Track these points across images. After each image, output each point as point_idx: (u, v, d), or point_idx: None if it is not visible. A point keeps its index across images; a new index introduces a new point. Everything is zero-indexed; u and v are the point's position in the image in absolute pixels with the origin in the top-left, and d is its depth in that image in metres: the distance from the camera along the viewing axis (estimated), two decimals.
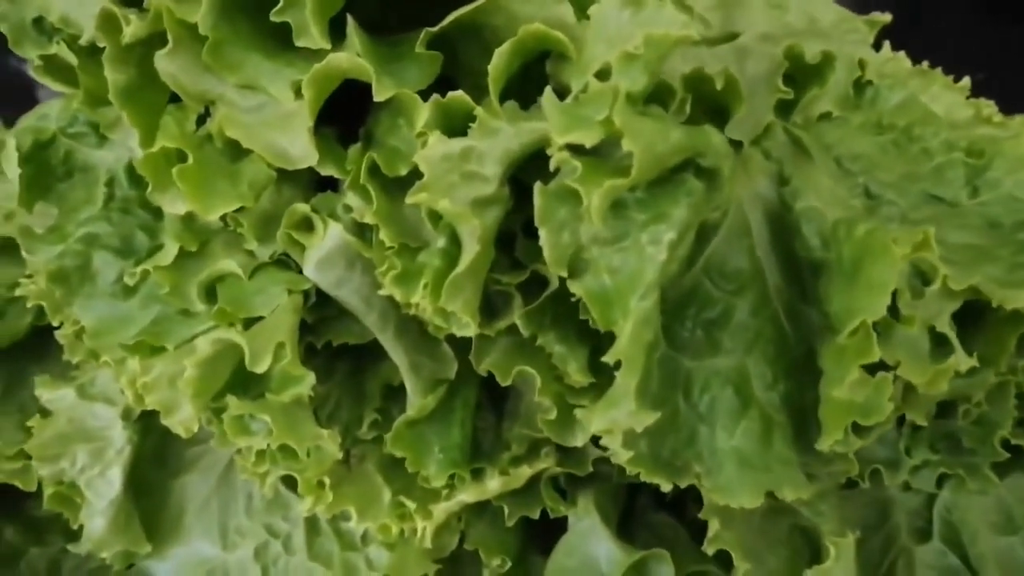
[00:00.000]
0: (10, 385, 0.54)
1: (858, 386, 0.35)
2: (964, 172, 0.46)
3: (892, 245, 0.34)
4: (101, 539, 0.46)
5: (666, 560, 0.44)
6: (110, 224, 0.45)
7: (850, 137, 0.48)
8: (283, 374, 0.39)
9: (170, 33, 0.40)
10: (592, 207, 0.34)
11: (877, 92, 0.50)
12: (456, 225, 0.36)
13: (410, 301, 0.37)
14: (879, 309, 0.34)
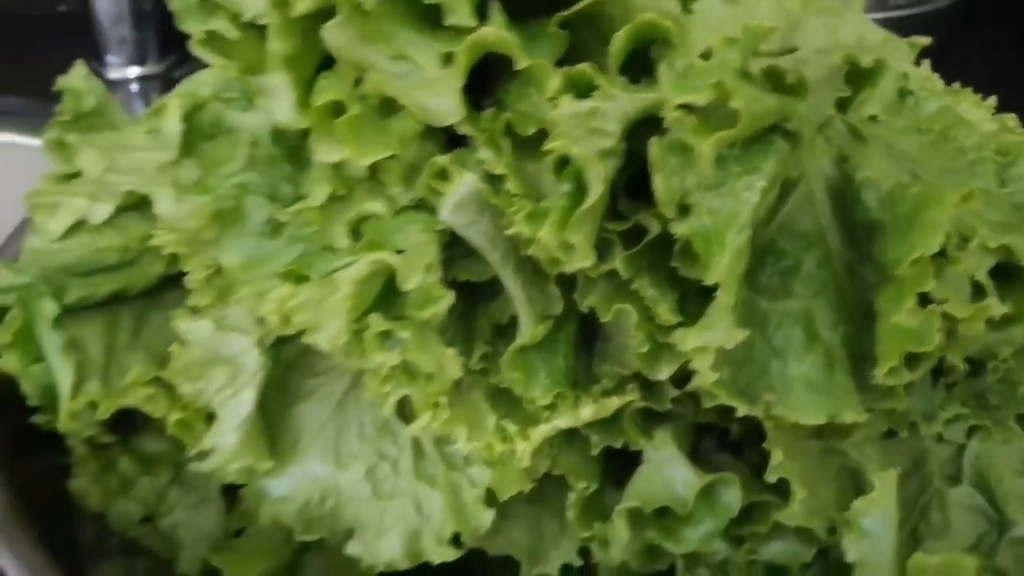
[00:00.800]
0: (138, 327, 0.60)
1: (913, 313, 0.42)
2: (994, 167, 0.54)
3: (945, 193, 0.42)
4: (232, 453, 0.52)
5: (734, 484, 0.50)
6: (258, 175, 0.52)
7: (893, 136, 0.55)
8: (425, 293, 0.46)
9: (341, 8, 0.47)
10: (703, 155, 0.41)
11: (917, 101, 0.58)
12: (584, 169, 0.43)
13: (536, 236, 0.45)
14: (933, 245, 0.41)
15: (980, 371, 0.53)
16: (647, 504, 0.50)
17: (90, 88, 0.69)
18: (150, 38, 1.18)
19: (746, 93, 0.41)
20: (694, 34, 0.46)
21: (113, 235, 0.61)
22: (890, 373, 0.44)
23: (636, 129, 0.46)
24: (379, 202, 0.48)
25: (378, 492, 0.53)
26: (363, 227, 0.49)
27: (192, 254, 0.55)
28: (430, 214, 0.48)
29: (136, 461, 0.61)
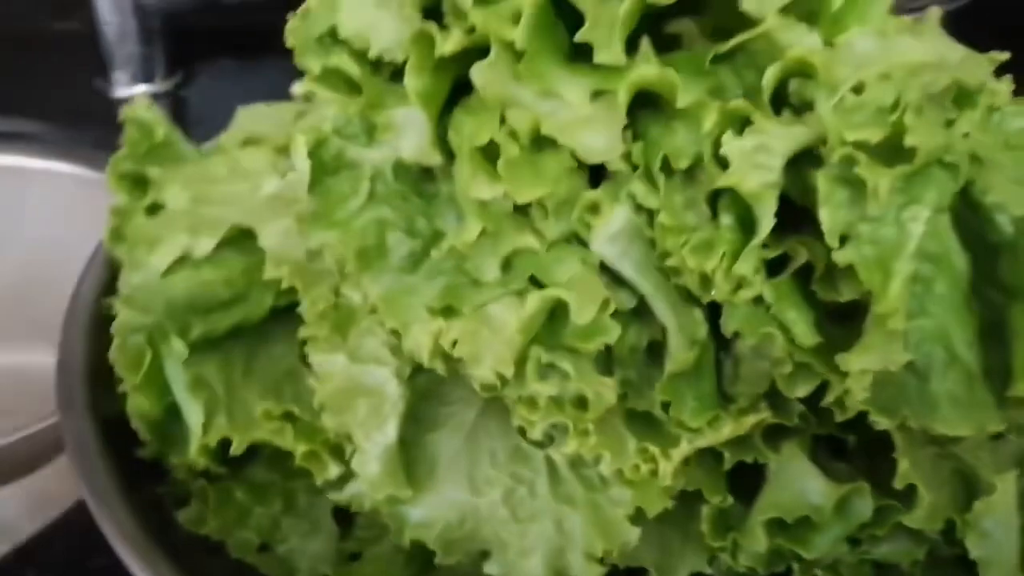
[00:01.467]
0: (249, 361, 0.61)
1: None
2: None
3: None
4: (376, 483, 0.53)
5: (866, 493, 0.53)
6: (392, 210, 0.53)
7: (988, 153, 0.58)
8: (597, 326, 0.48)
9: (493, 47, 0.48)
10: (880, 190, 0.43)
11: (1003, 117, 0.60)
12: (754, 204, 0.46)
13: (704, 268, 0.46)
14: None
15: None
16: (788, 514, 0.52)
17: (157, 119, 0.69)
18: (157, 56, 1.17)
19: (922, 131, 0.43)
20: (838, 69, 0.48)
21: (212, 270, 0.62)
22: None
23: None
24: (531, 236, 0.50)
25: (517, 515, 0.55)
26: (516, 261, 0.50)
27: (309, 286, 0.56)
28: (582, 246, 0.50)
29: (249, 492, 0.62)
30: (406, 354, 0.53)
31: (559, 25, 0.50)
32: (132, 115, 0.71)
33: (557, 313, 0.49)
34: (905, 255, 0.45)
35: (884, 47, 0.47)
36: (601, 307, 0.47)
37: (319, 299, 0.56)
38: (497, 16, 0.48)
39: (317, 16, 0.54)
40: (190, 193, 0.66)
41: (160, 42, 1.17)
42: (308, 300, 0.57)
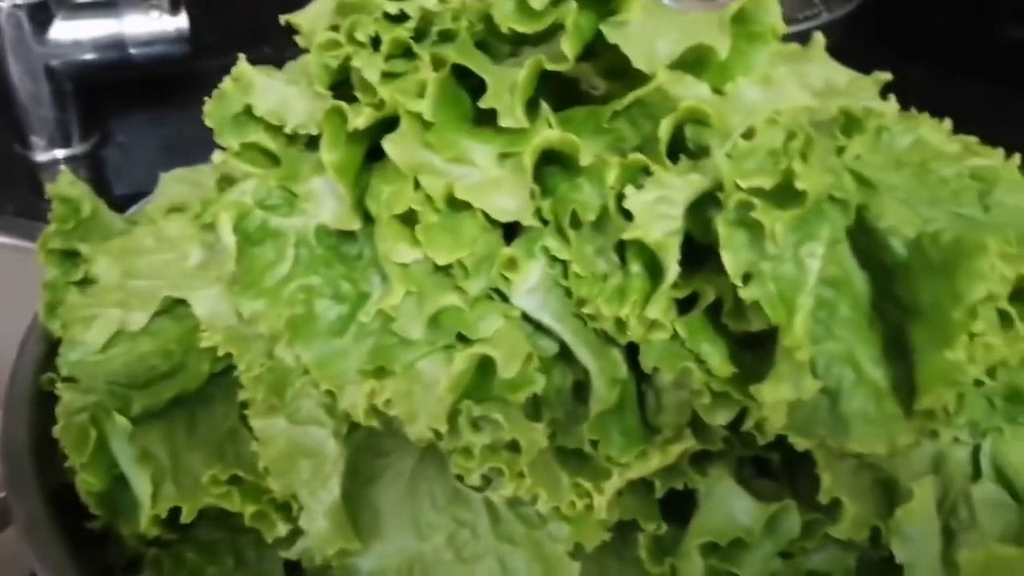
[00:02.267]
0: (190, 427, 0.63)
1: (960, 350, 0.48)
2: (976, 195, 0.60)
3: (986, 243, 0.48)
4: (324, 539, 0.55)
5: (793, 510, 0.56)
6: (319, 276, 0.55)
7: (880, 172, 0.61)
8: (523, 378, 0.50)
9: (402, 120, 0.50)
10: (776, 231, 0.46)
11: (892, 136, 0.63)
12: (659, 253, 0.48)
13: (618, 314, 0.49)
14: (980, 291, 0.47)
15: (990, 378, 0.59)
16: (719, 537, 0.55)
17: (83, 194, 0.71)
18: (72, 117, 1.17)
19: (810, 175, 0.46)
20: (729, 116, 0.50)
21: (148, 341, 0.64)
22: (934, 400, 0.50)
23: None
24: (454, 295, 0.52)
25: (462, 556, 0.57)
26: (441, 319, 0.52)
27: (243, 351, 0.58)
28: (503, 301, 0.52)
29: (200, 552, 0.64)
30: (341, 414, 0.55)
31: (463, 93, 0.52)
32: (57, 191, 0.72)
33: (485, 368, 0.51)
34: (805, 290, 0.48)
35: (769, 94, 0.50)
36: (525, 360, 0.50)
37: (254, 363, 0.58)
38: (403, 90, 0.51)
39: (232, 97, 0.56)
40: (120, 266, 0.67)
41: (74, 103, 1.18)
42: (243, 364, 0.58)
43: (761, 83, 0.50)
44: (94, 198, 0.73)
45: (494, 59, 0.54)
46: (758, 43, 0.53)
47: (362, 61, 0.51)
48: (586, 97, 0.58)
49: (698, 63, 0.52)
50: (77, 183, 0.74)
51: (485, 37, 0.53)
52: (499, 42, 0.53)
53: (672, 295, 0.51)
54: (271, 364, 0.58)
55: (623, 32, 0.50)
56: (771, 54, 0.66)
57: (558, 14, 0.49)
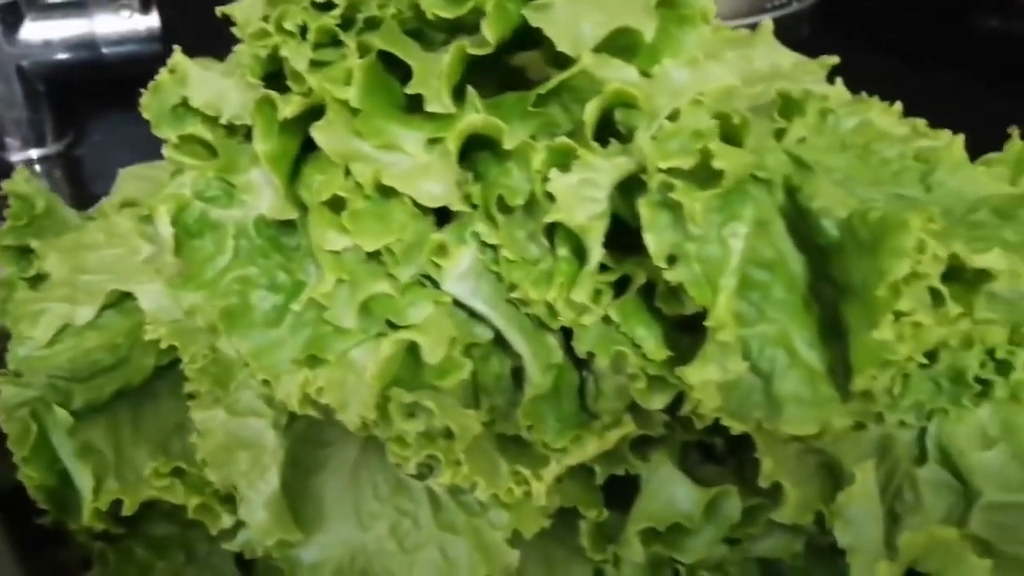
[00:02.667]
0: (136, 419, 0.63)
1: (886, 329, 0.48)
2: (917, 175, 0.59)
3: (908, 220, 0.47)
4: (264, 530, 0.55)
5: (733, 495, 0.55)
6: (256, 267, 0.55)
7: (823, 155, 0.61)
8: (450, 363, 0.50)
9: (328, 109, 0.50)
10: (695, 212, 0.46)
11: (837, 119, 0.63)
12: (583, 235, 0.48)
13: (544, 298, 0.49)
14: (902, 269, 0.47)
15: (933, 360, 0.58)
16: (659, 523, 0.55)
17: (37, 191, 0.71)
18: (45, 118, 1.18)
19: (728, 154, 0.46)
20: (656, 98, 0.50)
21: (96, 335, 0.64)
22: (868, 381, 0.50)
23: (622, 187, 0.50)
24: (385, 282, 0.52)
25: (404, 546, 0.57)
26: (373, 307, 0.52)
27: (187, 345, 0.58)
28: (435, 287, 0.52)
29: (149, 547, 0.64)
30: (280, 404, 0.55)
31: (393, 80, 0.52)
32: (12, 188, 0.73)
33: (413, 354, 0.51)
34: (729, 270, 0.48)
35: (696, 75, 0.50)
36: (450, 345, 0.49)
37: (197, 356, 0.58)
38: (330, 78, 0.50)
39: (168, 88, 0.56)
40: (70, 262, 0.67)
41: (47, 104, 1.18)
42: (187, 357, 0.59)
43: (688, 65, 0.50)
44: (49, 195, 0.73)
45: (428, 47, 0.54)
46: (687, 26, 0.53)
47: (290, 50, 0.51)
48: (533, 86, 0.58)
49: (627, 46, 0.52)
50: (32, 180, 0.74)
51: (417, 25, 0.52)
52: (432, 30, 0.53)
53: (600, 279, 0.50)
54: (215, 356, 0.58)
55: (546, 15, 0.49)
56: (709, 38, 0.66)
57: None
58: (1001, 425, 0.58)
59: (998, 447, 0.56)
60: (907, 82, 1.20)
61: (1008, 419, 0.58)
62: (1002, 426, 0.58)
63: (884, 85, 1.12)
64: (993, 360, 0.59)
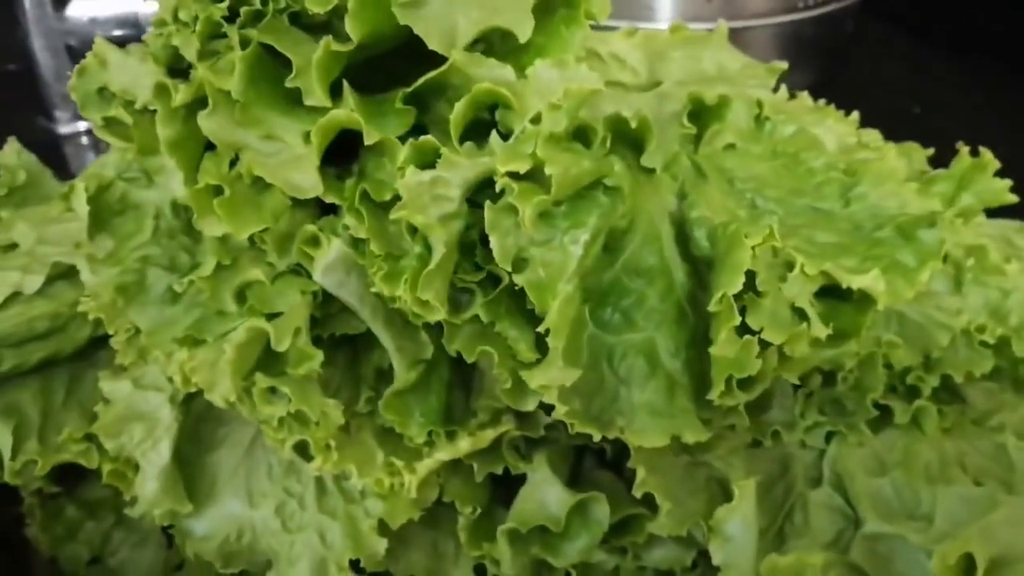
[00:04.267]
0: (72, 387, 0.66)
1: (728, 344, 0.47)
2: (839, 187, 0.58)
3: (743, 236, 0.46)
4: (153, 499, 0.58)
5: (602, 501, 0.55)
6: (159, 247, 0.57)
7: (747, 163, 0.59)
8: (298, 353, 0.51)
9: (210, 98, 0.52)
10: (525, 217, 0.46)
11: (774, 126, 0.62)
12: (427, 235, 0.48)
13: (394, 294, 0.49)
14: (736, 284, 0.46)
15: (833, 380, 0.57)
16: (524, 524, 0.55)
17: (21, 163, 0.74)
18: None
19: (560, 160, 0.46)
20: (528, 99, 0.50)
21: (44, 304, 0.67)
22: (723, 395, 0.49)
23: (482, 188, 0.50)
24: (259, 269, 0.53)
25: (287, 526, 0.58)
26: (248, 292, 0.53)
27: (112, 319, 0.60)
28: (306, 277, 0.53)
29: (81, 508, 0.67)
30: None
31: (282, 72, 0.53)
32: (0, 160, 0.77)
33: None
34: (566, 276, 0.47)
35: (563, 76, 0.50)
36: (294, 335, 0.50)
37: (121, 329, 0.61)
38: (215, 69, 0.52)
39: (93, 72, 0.59)
40: (36, 233, 0.71)
41: None
42: (111, 329, 0.61)
43: (557, 66, 0.50)
44: (36, 168, 0.77)
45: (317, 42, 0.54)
46: (573, 26, 0.52)
47: (181, 40, 0.53)
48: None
49: (514, 45, 0.52)
50: (23, 153, 0.78)
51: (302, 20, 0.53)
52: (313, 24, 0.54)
53: (465, 278, 0.51)
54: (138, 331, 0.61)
55: (416, 13, 0.50)
56: (665, 37, 0.66)
57: None
58: (900, 452, 0.56)
59: (891, 475, 0.55)
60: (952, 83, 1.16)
61: (908, 446, 0.56)
62: (900, 453, 0.56)
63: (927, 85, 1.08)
64: (903, 385, 0.57)
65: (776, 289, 0.48)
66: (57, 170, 0.80)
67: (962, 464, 0.57)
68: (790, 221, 0.55)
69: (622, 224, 0.50)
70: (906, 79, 1.10)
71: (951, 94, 1.16)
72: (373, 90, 0.54)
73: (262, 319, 0.52)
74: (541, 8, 0.52)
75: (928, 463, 0.57)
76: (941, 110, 1.12)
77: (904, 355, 0.57)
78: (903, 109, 1.09)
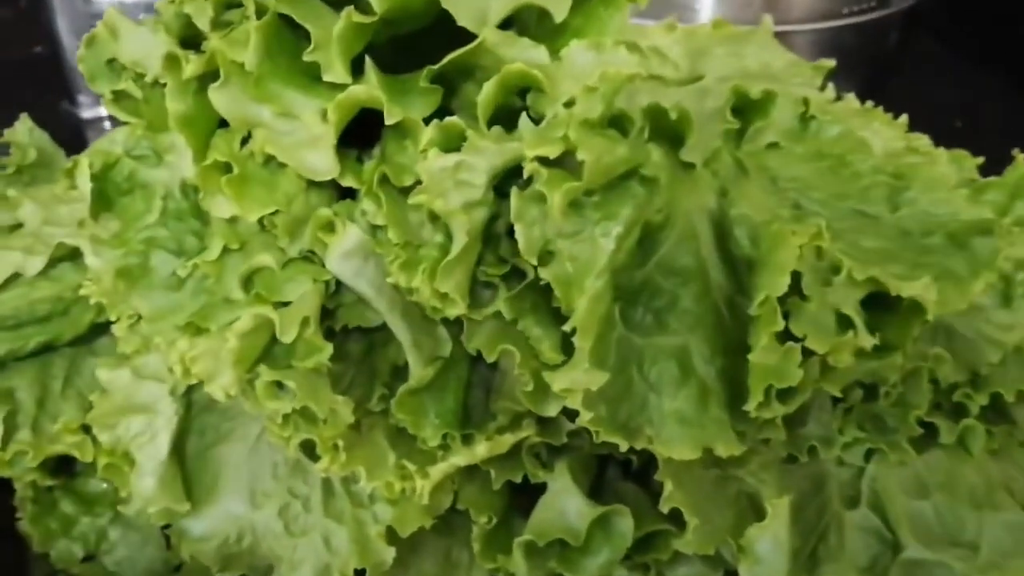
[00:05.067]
0: (70, 374, 0.63)
1: (768, 352, 0.43)
2: (887, 192, 0.54)
3: (790, 235, 0.43)
4: (149, 496, 0.54)
5: (626, 514, 0.52)
6: (166, 229, 0.54)
7: (791, 163, 0.56)
8: (306, 345, 0.48)
9: (222, 70, 0.49)
10: (554, 205, 0.43)
11: (820, 126, 0.58)
12: (448, 222, 0.45)
13: (411, 285, 0.46)
14: (781, 287, 0.43)
15: (875, 395, 0.53)
16: (541, 536, 0.51)
17: (33, 141, 0.71)
18: None
19: (593, 145, 0.42)
20: (561, 82, 0.47)
21: (48, 286, 0.64)
22: (760, 407, 0.45)
23: (510, 177, 0.47)
24: (269, 255, 0.50)
25: (290, 529, 0.55)
26: (255, 279, 0.50)
27: (114, 304, 0.57)
28: (319, 265, 0.50)
29: (77, 502, 0.64)
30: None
31: (301, 44, 0.50)
32: (12, 137, 0.74)
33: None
34: (594, 272, 0.44)
35: (600, 59, 0.46)
36: (301, 326, 0.47)
37: (124, 315, 0.58)
38: (229, 40, 0.49)
39: (103, 43, 0.56)
40: (44, 213, 0.68)
41: None
42: (114, 315, 0.58)
43: (593, 49, 0.47)
44: (48, 146, 0.74)
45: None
46: (613, 8, 0.49)
47: (194, 9, 0.50)
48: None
49: (541, 26, 0.49)
50: (35, 130, 0.75)
51: None
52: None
53: (489, 271, 0.47)
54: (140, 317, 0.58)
55: None
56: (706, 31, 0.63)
57: None
58: (943, 474, 0.52)
59: (933, 498, 0.51)
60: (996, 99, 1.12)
61: (952, 468, 0.52)
62: (944, 475, 0.52)
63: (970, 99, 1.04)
64: (949, 402, 0.54)
65: (821, 294, 0.45)
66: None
67: (1010, 489, 0.54)
68: (835, 225, 0.52)
69: (658, 218, 0.46)
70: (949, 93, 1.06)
71: (994, 110, 1.12)
72: (398, 71, 0.51)
73: (269, 307, 0.48)
74: None
75: (973, 487, 0.53)
76: (983, 125, 1.08)
77: (951, 371, 0.53)
78: (945, 123, 1.06)
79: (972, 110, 1.11)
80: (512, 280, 0.49)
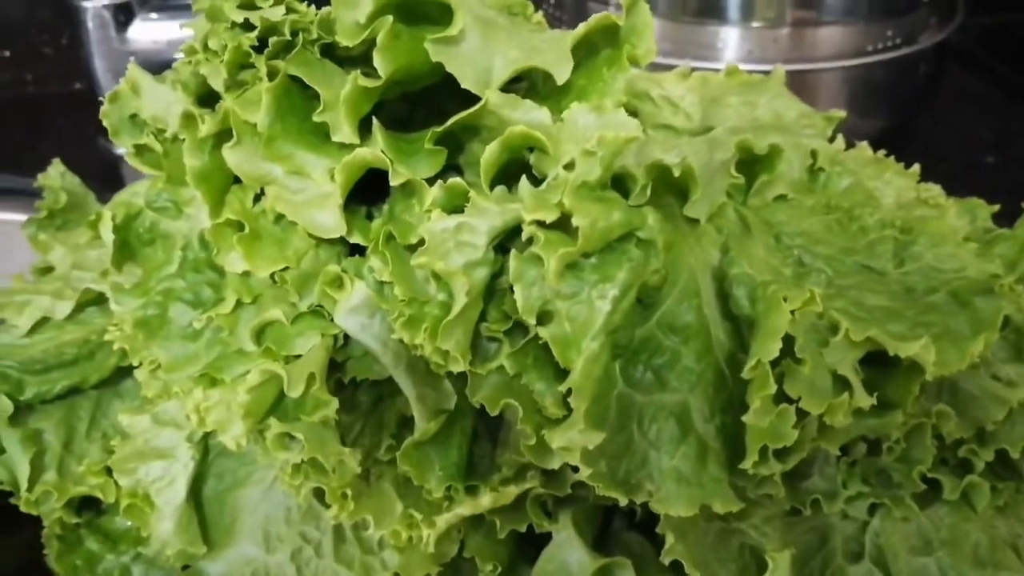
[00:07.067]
0: (96, 416, 0.64)
1: (762, 413, 0.44)
2: (893, 246, 0.55)
3: (782, 301, 0.44)
4: (167, 539, 0.56)
5: (627, 567, 0.52)
6: (184, 281, 0.56)
7: (798, 216, 0.57)
8: (314, 399, 0.49)
9: (235, 130, 0.50)
10: (550, 269, 0.44)
11: (828, 178, 0.59)
12: (449, 282, 0.46)
13: (415, 342, 0.47)
14: (772, 352, 0.43)
15: (878, 449, 0.54)
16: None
17: (64, 185, 0.74)
18: None
19: (588, 210, 0.43)
20: (563, 143, 0.48)
21: (75, 329, 0.66)
22: (757, 465, 0.46)
23: (514, 234, 0.48)
24: (280, 308, 0.51)
25: (303, 573, 0.56)
26: (266, 332, 0.52)
27: (136, 349, 0.59)
28: (328, 319, 0.51)
29: (102, 539, 0.65)
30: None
31: (309, 105, 0.51)
32: (45, 181, 0.76)
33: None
34: (592, 333, 0.45)
35: (600, 122, 0.47)
36: (307, 381, 0.49)
37: (146, 360, 0.59)
38: (242, 101, 0.50)
39: (125, 99, 0.58)
40: (73, 257, 0.70)
41: None
42: (136, 361, 0.60)
43: (595, 111, 0.47)
44: (79, 190, 0.77)
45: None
46: (615, 68, 0.50)
47: (209, 70, 0.52)
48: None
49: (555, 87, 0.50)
50: (67, 175, 0.77)
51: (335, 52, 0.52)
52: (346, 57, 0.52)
53: (471, 328, 0.48)
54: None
55: (450, 50, 0.48)
56: (720, 80, 0.63)
57: (374, 28, 0.48)
58: (947, 530, 0.52)
59: (936, 555, 0.51)
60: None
61: (956, 524, 0.52)
62: (948, 532, 0.52)
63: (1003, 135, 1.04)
64: (954, 458, 0.54)
65: (817, 355, 0.45)
66: (114, 192, 0.79)
67: (1015, 547, 0.54)
68: (839, 281, 0.52)
69: (655, 279, 0.47)
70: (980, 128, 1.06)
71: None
72: (410, 126, 0.52)
73: (278, 361, 0.50)
74: (583, 49, 0.50)
75: (977, 544, 0.53)
76: (1016, 161, 1.07)
77: (956, 427, 0.53)
78: (976, 158, 1.05)
79: (1005, 145, 1.11)
80: (515, 335, 0.49)
